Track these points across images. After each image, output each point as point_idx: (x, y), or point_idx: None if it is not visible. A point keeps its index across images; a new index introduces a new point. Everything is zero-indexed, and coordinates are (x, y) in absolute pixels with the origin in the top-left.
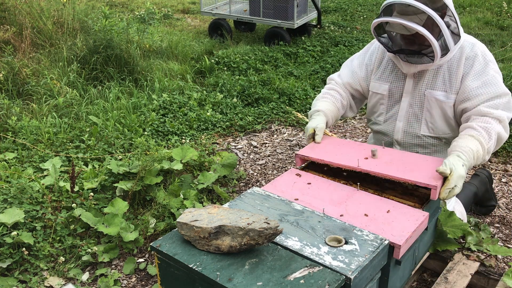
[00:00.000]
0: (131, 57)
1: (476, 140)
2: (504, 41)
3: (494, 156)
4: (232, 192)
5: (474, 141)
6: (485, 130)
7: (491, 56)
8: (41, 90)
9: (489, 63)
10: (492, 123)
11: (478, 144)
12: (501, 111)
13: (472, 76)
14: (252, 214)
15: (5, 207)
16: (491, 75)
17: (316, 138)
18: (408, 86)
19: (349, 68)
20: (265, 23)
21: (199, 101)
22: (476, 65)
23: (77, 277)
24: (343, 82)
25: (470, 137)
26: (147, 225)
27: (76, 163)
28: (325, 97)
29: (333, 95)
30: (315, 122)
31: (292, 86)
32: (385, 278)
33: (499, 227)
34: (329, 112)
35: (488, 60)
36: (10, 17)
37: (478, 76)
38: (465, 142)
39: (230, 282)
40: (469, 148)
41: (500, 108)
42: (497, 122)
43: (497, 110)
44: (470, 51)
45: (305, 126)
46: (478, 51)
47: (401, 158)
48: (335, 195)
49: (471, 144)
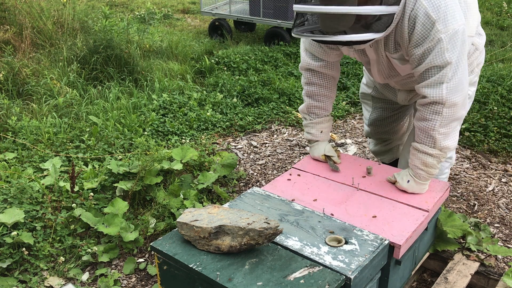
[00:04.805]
0: (131, 57)
1: (418, 152)
2: (504, 41)
3: (494, 156)
4: (232, 192)
5: (416, 153)
6: (424, 132)
7: (443, 13)
8: (41, 90)
9: (435, 23)
10: (433, 119)
11: (421, 155)
12: (444, 89)
13: (415, 41)
14: (252, 214)
15: (5, 207)
16: (436, 40)
17: (335, 160)
18: (369, 53)
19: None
20: (265, 23)
21: (199, 101)
22: (418, 28)
23: (77, 277)
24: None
25: (413, 150)
26: (147, 225)
27: (76, 163)
28: (314, 112)
29: (320, 100)
30: (317, 151)
31: (292, 86)
32: (385, 278)
33: (499, 227)
34: (326, 131)
35: (433, 20)
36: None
37: (420, 42)
38: (410, 159)
39: (230, 282)
40: (413, 165)
41: (445, 82)
42: (442, 108)
43: (439, 90)
44: (412, 8)
45: (309, 152)
46: (421, 10)
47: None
48: (335, 195)
49: (414, 160)
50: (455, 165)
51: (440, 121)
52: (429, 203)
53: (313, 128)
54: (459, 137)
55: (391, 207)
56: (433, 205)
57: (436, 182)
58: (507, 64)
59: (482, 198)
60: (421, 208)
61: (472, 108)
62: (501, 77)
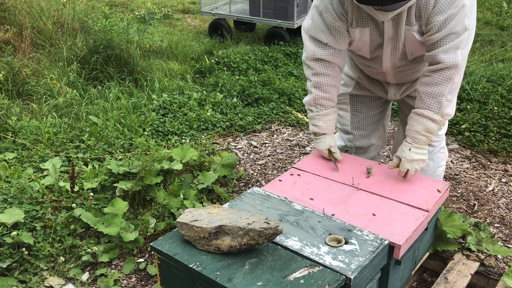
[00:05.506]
0: (131, 57)
1: (421, 117)
2: (504, 41)
3: (494, 156)
4: (232, 192)
5: (419, 118)
6: (432, 98)
7: None
8: (41, 90)
9: None
10: (444, 84)
11: (425, 120)
12: (460, 55)
13: (439, 8)
14: (252, 214)
15: (5, 207)
16: (460, 6)
17: (337, 156)
18: (388, 29)
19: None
20: (265, 23)
21: (199, 101)
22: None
23: (77, 277)
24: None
25: (415, 115)
26: (147, 225)
27: (76, 163)
28: (322, 104)
29: (328, 91)
30: (323, 145)
31: (292, 86)
32: (385, 278)
33: (499, 227)
34: (332, 124)
35: None
36: (10, 17)
37: (445, 8)
38: (411, 125)
39: (230, 282)
40: (414, 131)
41: (460, 48)
42: (454, 73)
43: (455, 56)
44: None
45: (315, 146)
46: None
47: (396, 177)
48: (335, 195)
49: (416, 125)
50: (455, 165)
51: (450, 86)
52: (429, 203)
53: (320, 121)
54: (459, 137)
55: (391, 207)
56: (433, 205)
57: (436, 182)
58: (507, 64)
59: (482, 198)
60: (421, 208)
61: (472, 108)
62: (501, 77)
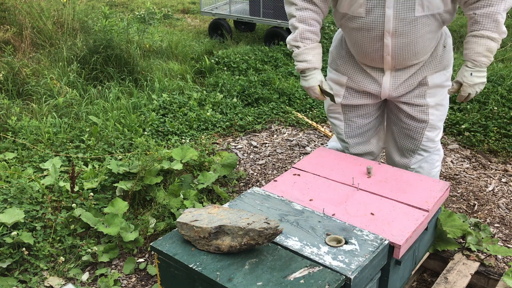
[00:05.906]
0: (131, 57)
1: (480, 38)
2: (504, 41)
3: (494, 156)
4: (232, 192)
5: (479, 40)
6: (488, 17)
7: None
8: (41, 90)
9: None
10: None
11: (484, 40)
12: None
13: None
14: (252, 214)
15: (5, 207)
16: None
17: (329, 90)
18: None
19: None
20: (265, 23)
21: (199, 101)
22: None
23: (77, 277)
24: None
25: (473, 37)
26: (147, 225)
27: (76, 163)
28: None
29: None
30: (315, 80)
31: (292, 86)
32: (385, 278)
33: (499, 227)
34: (320, 58)
35: None
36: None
37: None
38: (470, 48)
39: (230, 282)
40: (475, 53)
41: None
42: None
43: None
44: None
45: (304, 85)
46: None
47: (396, 177)
48: (335, 195)
49: (476, 47)
50: (455, 165)
51: (504, 4)
52: (429, 203)
53: (308, 55)
54: (459, 137)
55: (391, 207)
56: (433, 205)
57: (436, 182)
58: (507, 64)
59: (482, 198)
60: (421, 208)
61: (472, 108)
62: (501, 77)
